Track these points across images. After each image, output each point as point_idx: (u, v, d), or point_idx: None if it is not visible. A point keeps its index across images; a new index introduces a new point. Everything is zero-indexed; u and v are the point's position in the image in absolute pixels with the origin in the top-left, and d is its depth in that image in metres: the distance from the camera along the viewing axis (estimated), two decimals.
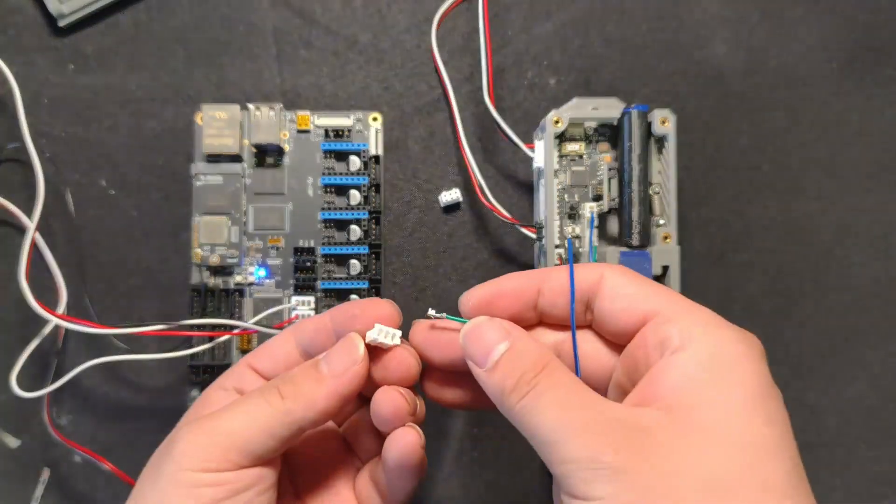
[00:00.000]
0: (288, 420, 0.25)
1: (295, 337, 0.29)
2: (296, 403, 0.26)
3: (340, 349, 0.27)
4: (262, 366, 0.29)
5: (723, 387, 0.22)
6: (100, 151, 0.42)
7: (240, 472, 0.25)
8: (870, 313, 0.43)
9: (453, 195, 0.42)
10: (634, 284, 0.25)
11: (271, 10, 0.43)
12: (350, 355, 0.27)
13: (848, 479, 0.42)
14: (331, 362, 0.27)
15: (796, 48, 0.43)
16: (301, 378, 0.26)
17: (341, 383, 0.26)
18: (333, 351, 0.27)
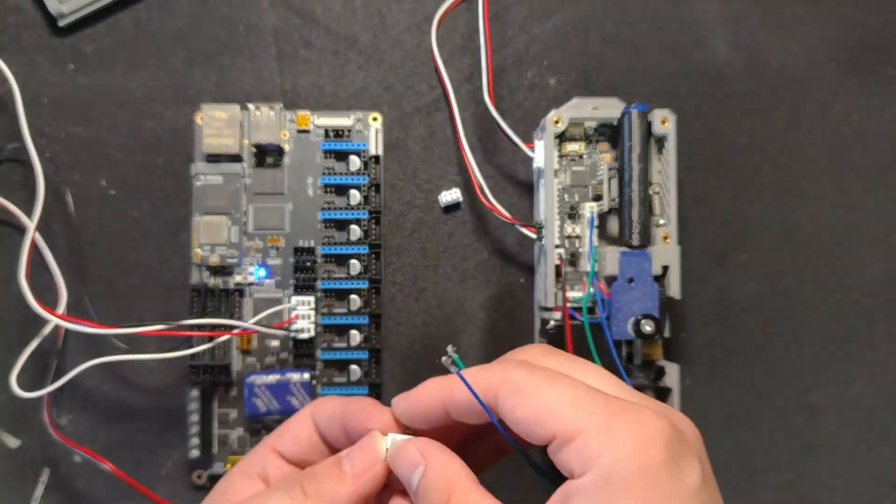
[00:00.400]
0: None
1: (314, 417, 0.29)
2: (318, 502, 0.26)
3: (362, 449, 0.27)
4: (286, 449, 0.29)
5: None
6: (100, 151, 0.42)
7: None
8: (870, 313, 0.43)
9: (453, 195, 0.42)
10: (526, 406, 0.23)
11: (271, 10, 0.43)
12: (371, 455, 0.26)
13: (848, 479, 0.42)
14: (353, 460, 0.27)
15: (796, 48, 0.43)
16: (324, 475, 0.26)
17: (362, 483, 0.26)
18: (355, 449, 0.27)
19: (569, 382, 0.24)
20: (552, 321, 0.38)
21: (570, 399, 0.23)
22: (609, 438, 0.22)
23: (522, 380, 0.24)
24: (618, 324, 0.36)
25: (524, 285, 0.42)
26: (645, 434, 0.22)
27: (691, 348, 0.42)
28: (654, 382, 0.38)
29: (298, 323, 0.39)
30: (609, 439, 0.22)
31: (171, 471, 0.41)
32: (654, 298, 0.36)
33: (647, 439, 0.22)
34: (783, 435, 0.42)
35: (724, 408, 0.42)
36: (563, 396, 0.23)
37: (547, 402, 0.23)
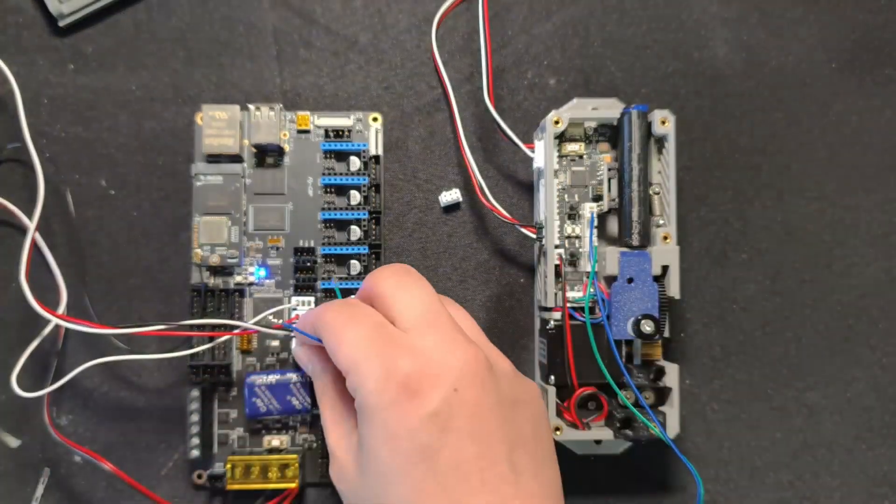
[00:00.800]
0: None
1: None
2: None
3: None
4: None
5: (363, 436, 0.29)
6: (100, 151, 0.42)
7: None
8: (870, 313, 0.43)
9: (453, 195, 0.42)
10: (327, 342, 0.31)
11: (271, 10, 0.43)
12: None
13: (848, 479, 0.42)
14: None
15: (796, 48, 0.43)
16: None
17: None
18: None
19: (357, 324, 0.30)
20: (552, 321, 0.38)
21: (351, 341, 0.29)
22: (360, 378, 0.28)
23: (329, 320, 0.31)
24: (617, 324, 0.36)
25: (524, 285, 0.42)
26: (382, 375, 0.27)
27: (691, 348, 0.42)
28: (654, 382, 0.38)
29: None
30: (360, 378, 0.28)
31: (171, 471, 0.41)
32: (654, 298, 0.36)
33: (383, 380, 0.27)
34: (783, 435, 0.42)
35: (724, 408, 0.42)
36: (346, 338, 0.29)
37: (337, 342, 0.30)
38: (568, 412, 0.37)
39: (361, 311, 0.31)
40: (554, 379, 0.37)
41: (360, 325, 0.30)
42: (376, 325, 0.30)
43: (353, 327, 0.29)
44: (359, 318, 0.30)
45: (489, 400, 0.28)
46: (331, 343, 0.30)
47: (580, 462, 0.41)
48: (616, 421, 0.36)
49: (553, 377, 0.37)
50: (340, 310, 0.31)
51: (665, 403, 0.38)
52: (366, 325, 0.29)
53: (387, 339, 0.29)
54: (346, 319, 0.30)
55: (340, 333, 0.30)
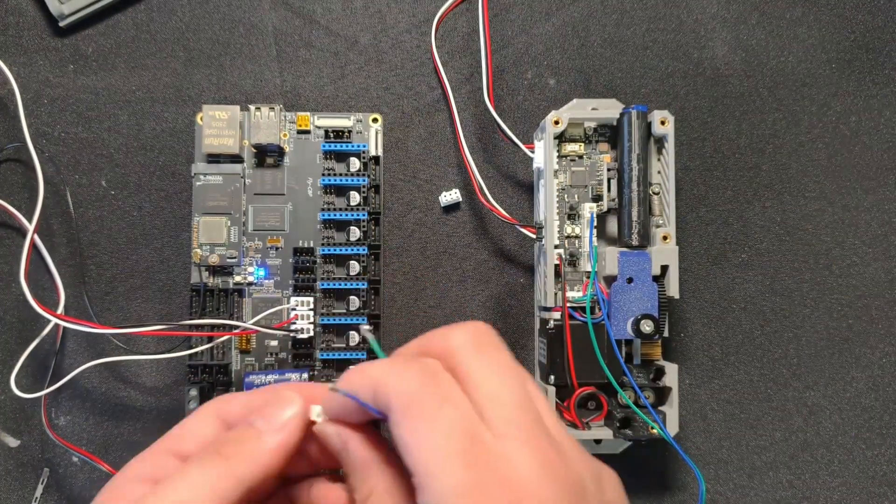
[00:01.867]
0: (234, 481, 0.24)
1: (218, 414, 0.27)
2: (240, 461, 0.24)
3: (274, 404, 0.26)
4: (186, 448, 0.27)
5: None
6: (100, 152, 0.42)
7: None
8: (870, 313, 0.43)
9: (453, 195, 0.42)
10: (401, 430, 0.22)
11: (271, 10, 0.43)
12: (284, 408, 0.26)
13: (848, 478, 0.42)
14: (267, 417, 0.26)
15: (795, 49, 0.44)
16: (240, 437, 0.25)
17: (284, 436, 0.25)
18: (266, 407, 0.26)
19: (450, 425, 0.22)
20: (552, 321, 0.38)
21: (439, 450, 0.21)
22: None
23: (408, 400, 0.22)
24: (617, 324, 0.36)
25: (524, 285, 0.42)
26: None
27: (691, 348, 0.42)
28: (654, 382, 0.38)
29: (297, 323, 0.39)
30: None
31: None
32: (654, 298, 0.36)
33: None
34: (783, 434, 0.42)
35: (724, 407, 0.42)
36: (433, 443, 0.21)
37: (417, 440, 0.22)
38: (568, 412, 0.37)
39: (453, 395, 0.23)
40: (553, 379, 0.37)
41: (452, 424, 0.22)
42: (470, 432, 0.22)
43: (442, 425, 0.22)
44: (449, 412, 0.22)
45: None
46: (405, 434, 0.22)
47: None
48: (616, 420, 0.36)
49: (553, 377, 0.37)
50: (426, 384, 0.23)
51: (665, 403, 0.38)
52: (459, 428, 0.22)
53: (483, 461, 0.21)
54: (435, 406, 0.22)
55: (424, 430, 0.22)
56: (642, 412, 0.36)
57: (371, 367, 0.24)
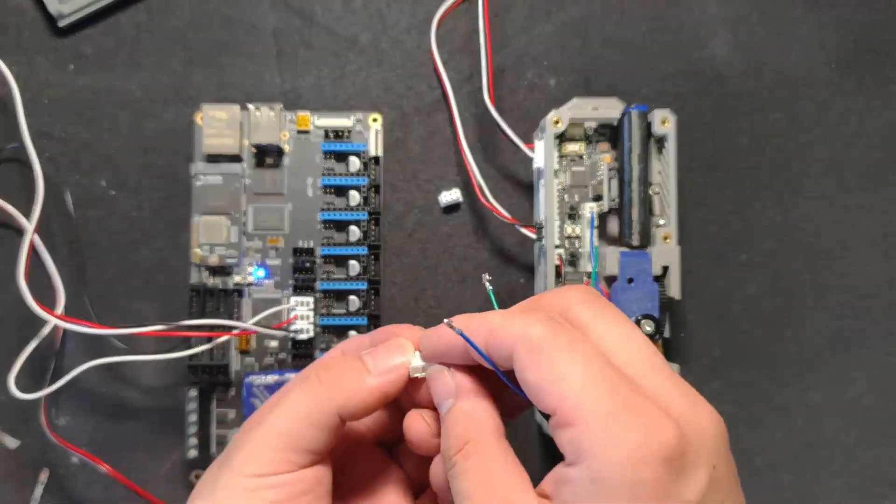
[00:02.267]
0: (329, 407, 0.25)
1: (344, 351, 0.28)
2: (336, 390, 0.25)
3: (387, 348, 0.26)
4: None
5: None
6: (100, 152, 0.42)
7: (299, 474, 0.24)
8: (870, 313, 0.43)
9: (453, 195, 0.42)
10: (535, 372, 0.22)
11: (271, 10, 0.43)
12: (396, 356, 0.26)
13: (848, 479, 0.42)
14: (377, 358, 0.26)
15: (796, 49, 0.43)
16: (342, 367, 0.26)
17: (386, 381, 0.25)
18: (380, 348, 0.26)
19: (586, 356, 0.22)
20: None
21: (580, 379, 0.21)
22: (605, 438, 0.20)
23: (540, 341, 0.22)
24: None
25: (524, 285, 0.42)
26: (644, 444, 0.20)
27: (691, 348, 0.42)
28: None
29: (297, 323, 0.39)
30: (605, 439, 0.20)
31: (169, 471, 0.41)
32: (654, 298, 0.36)
33: (644, 452, 0.20)
34: (783, 435, 0.42)
35: (724, 408, 0.42)
36: (573, 372, 0.21)
37: (555, 375, 0.21)
38: None
39: (582, 338, 0.22)
40: None
41: (592, 359, 0.21)
42: (611, 364, 0.22)
43: (584, 360, 0.21)
44: (583, 347, 0.22)
45: (735, 475, 0.24)
46: (540, 373, 0.22)
47: None
48: None
49: None
50: (555, 328, 0.22)
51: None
52: (599, 361, 0.21)
53: (634, 389, 0.21)
54: (569, 343, 0.22)
55: (562, 364, 0.21)
56: None
57: (489, 315, 0.24)
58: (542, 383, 0.22)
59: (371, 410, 0.26)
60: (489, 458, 0.23)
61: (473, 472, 0.23)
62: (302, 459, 0.24)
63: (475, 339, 0.24)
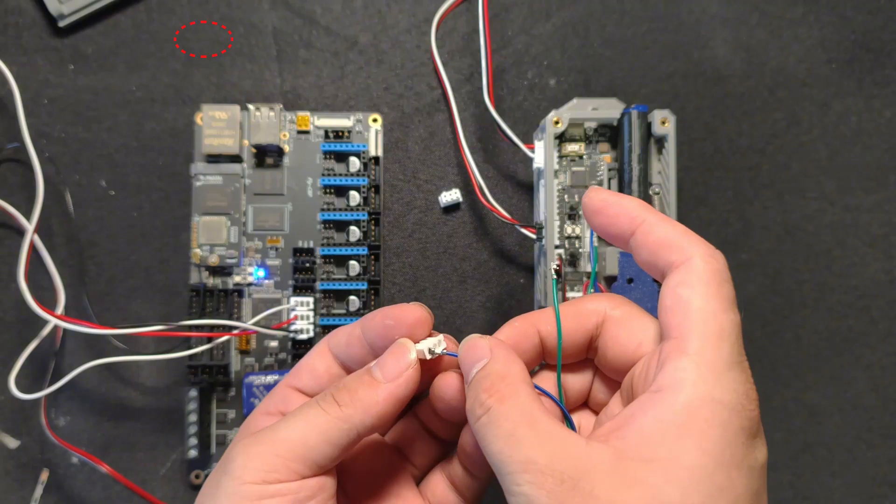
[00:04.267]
0: (346, 426, 0.25)
1: (331, 349, 0.29)
2: (353, 409, 0.25)
3: (392, 355, 0.27)
4: (306, 385, 0.29)
5: (682, 451, 0.21)
6: (100, 152, 0.42)
7: (302, 482, 0.25)
8: (870, 313, 0.43)
9: (453, 195, 0.42)
10: (696, 288, 0.23)
11: (271, 10, 0.43)
12: (403, 360, 0.27)
13: (848, 479, 0.42)
14: (385, 367, 0.27)
15: (796, 49, 0.43)
16: (355, 385, 0.26)
17: (397, 387, 0.26)
18: (386, 357, 0.27)
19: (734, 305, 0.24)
20: None
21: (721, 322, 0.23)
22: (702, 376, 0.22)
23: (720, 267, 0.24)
24: None
25: (524, 286, 0.42)
26: (745, 397, 0.22)
27: None
28: None
29: (297, 324, 0.39)
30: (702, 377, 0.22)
31: (169, 471, 0.41)
32: (654, 299, 0.36)
33: (744, 403, 0.22)
34: (783, 435, 0.42)
35: None
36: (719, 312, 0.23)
37: (706, 304, 0.23)
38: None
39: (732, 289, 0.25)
40: None
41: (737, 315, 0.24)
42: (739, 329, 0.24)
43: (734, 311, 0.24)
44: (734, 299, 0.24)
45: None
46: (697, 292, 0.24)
47: None
48: None
49: None
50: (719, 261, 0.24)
51: None
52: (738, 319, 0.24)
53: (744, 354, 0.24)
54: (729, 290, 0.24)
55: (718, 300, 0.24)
56: None
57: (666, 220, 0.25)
58: (690, 305, 0.23)
59: (390, 420, 0.26)
60: (526, 400, 0.23)
61: (513, 411, 0.23)
62: (307, 471, 0.25)
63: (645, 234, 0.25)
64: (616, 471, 0.21)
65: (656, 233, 0.25)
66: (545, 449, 0.22)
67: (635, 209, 0.26)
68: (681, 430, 0.21)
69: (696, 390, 0.22)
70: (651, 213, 0.25)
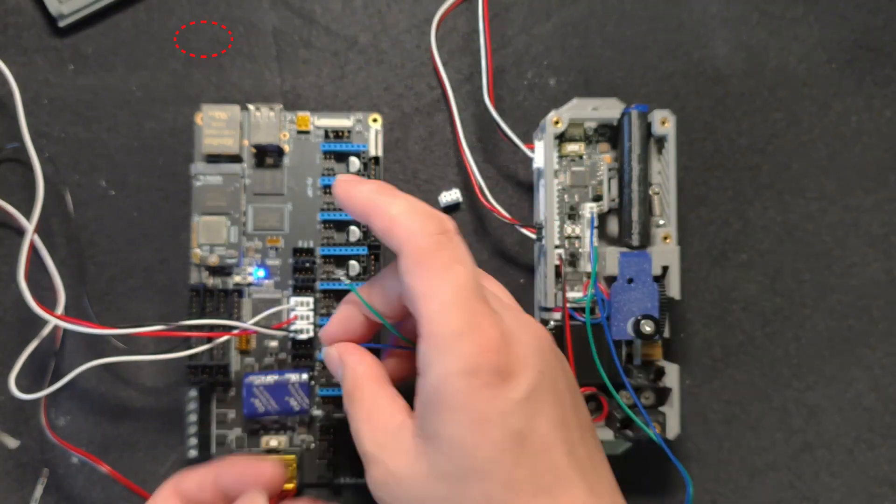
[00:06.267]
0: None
1: (178, 493, 0.31)
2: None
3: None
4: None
5: (440, 425, 0.25)
6: (100, 152, 0.42)
7: None
8: (870, 313, 0.43)
9: (453, 196, 0.42)
10: (412, 278, 0.26)
11: (271, 10, 0.43)
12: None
13: (848, 479, 0.42)
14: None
15: (796, 48, 0.43)
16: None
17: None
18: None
19: (458, 279, 0.25)
20: (552, 321, 0.38)
21: (444, 299, 0.25)
22: (445, 354, 0.24)
23: (425, 251, 0.26)
24: (617, 324, 0.36)
25: (524, 285, 0.42)
26: (474, 355, 0.24)
27: (691, 348, 0.42)
28: (654, 382, 0.37)
29: (297, 324, 0.39)
30: (444, 355, 0.24)
31: (169, 471, 0.41)
32: (654, 299, 0.36)
33: (475, 363, 0.24)
34: (783, 435, 0.42)
35: (724, 408, 0.42)
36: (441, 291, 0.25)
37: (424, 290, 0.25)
38: None
39: (464, 256, 0.26)
40: None
41: (462, 282, 0.25)
42: (478, 289, 0.25)
43: (454, 282, 0.25)
44: (459, 271, 0.25)
45: (563, 384, 0.27)
46: (414, 282, 0.25)
47: None
48: (616, 421, 0.36)
49: None
50: (439, 244, 0.26)
51: (665, 404, 0.38)
52: (468, 286, 0.25)
53: (484, 313, 0.25)
54: (447, 264, 0.25)
55: (435, 281, 0.25)
56: (634, 413, 0.36)
57: (397, 200, 0.28)
58: (413, 293, 0.25)
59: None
60: (368, 400, 0.28)
61: (358, 414, 0.28)
62: None
63: (376, 219, 0.28)
64: (412, 449, 0.26)
65: (384, 217, 0.27)
66: (375, 441, 0.27)
67: (368, 194, 0.28)
68: (435, 408, 0.25)
69: (435, 370, 0.25)
70: (382, 195, 0.28)
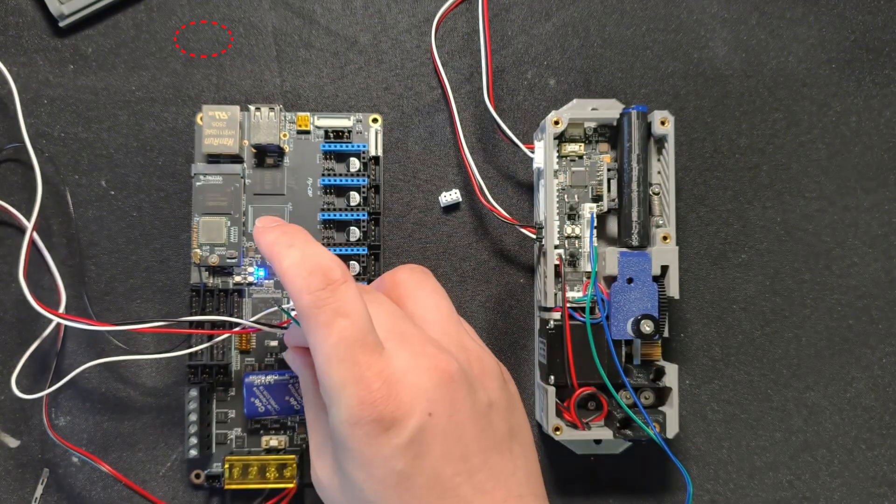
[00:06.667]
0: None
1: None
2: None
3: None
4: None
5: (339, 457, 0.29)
6: (100, 152, 0.42)
7: None
8: (869, 313, 0.43)
9: (453, 196, 0.42)
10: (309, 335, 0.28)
11: (271, 10, 0.43)
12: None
13: (848, 478, 0.42)
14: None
15: (795, 49, 0.43)
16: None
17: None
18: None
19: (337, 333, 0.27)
20: (552, 321, 0.38)
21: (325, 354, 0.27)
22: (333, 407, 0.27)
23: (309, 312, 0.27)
24: (617, 324, 0.36)
25: (524, 285, 0.42)
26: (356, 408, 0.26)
27: (690, 348, 0.42)
28: (654, 382, 0.37)
29: None
30: (333, 408, 0.27)
31: (169, 470, 0.41)
32: (654, 299, 0.36)
33: (357, 415, 0.26)
34: (783, 435, 0.42)
35: (724, 408, 0.42)
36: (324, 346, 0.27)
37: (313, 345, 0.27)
38: (568, 412, 0.37)
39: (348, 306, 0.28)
40: (554, 379, 0.37)
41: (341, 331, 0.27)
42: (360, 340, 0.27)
43: (332, 333, 0.27)
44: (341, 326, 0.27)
45: (463, 414, 0.28)
46: (309, 338, 0.27)
47: (580, 462, 0.41)
48: (616, 421, 0.36)
49: (553, 377, 0.37)
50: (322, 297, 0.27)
51: (665, 403, 0.38)
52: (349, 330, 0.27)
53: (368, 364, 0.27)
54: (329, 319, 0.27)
55: (320, 336, 0.27)
56: (634, 412, 0.36)
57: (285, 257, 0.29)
58: (308, 342, 0.28)
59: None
60: (313, 408, 0.32)
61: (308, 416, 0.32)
62: None
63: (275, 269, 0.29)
64: (331, 465, 0.30)
65: (278, 269, 0.29)
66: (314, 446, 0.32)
67: (266, 245, 0.30)
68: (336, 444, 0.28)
69: (330, 414, 0.27)
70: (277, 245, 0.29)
